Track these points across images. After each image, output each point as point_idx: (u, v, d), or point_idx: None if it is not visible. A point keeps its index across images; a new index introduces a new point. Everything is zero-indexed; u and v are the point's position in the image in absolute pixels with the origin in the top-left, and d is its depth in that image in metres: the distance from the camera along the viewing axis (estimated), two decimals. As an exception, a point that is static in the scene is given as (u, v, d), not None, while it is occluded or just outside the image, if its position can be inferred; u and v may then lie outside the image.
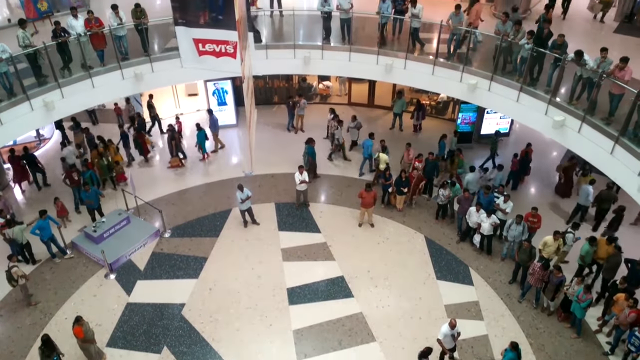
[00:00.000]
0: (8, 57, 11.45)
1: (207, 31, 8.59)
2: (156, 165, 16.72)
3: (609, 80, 10.44)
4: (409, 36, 13.74)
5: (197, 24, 8.53)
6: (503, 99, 12.49)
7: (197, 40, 8.72)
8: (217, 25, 8.45)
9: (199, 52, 8.90)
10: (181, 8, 8.44)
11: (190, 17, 8.45)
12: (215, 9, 8.37)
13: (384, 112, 19.46)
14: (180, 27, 8.63)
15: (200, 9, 8.37)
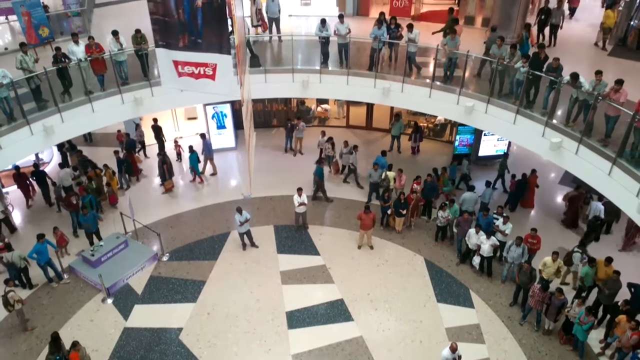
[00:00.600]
0: (9, 82, 11.54)
1: (186, 54, 8.84)
2: (155, 189, 16.70)
3: (605, 103, 10.54)
4: (405, 60, 13.91)
5: (177, 46, 8.76)
6: (500, 121, 12.58)
7: (176, 62, 8.93)
8: (196, 49, 8.73)
9: (178, 73, 9.09)
10: (162, 31, 8.67)
11: (170, 40, 8.68)
12: (194, 34, 8.64)
13: (382, 135, 19.57)
14: (160, 49, 8.84)
15: (180, 32, 8.61)
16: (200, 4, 8.21)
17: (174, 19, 8.42)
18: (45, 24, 16.40)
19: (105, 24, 18.07)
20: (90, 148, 18.27)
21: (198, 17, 8.39)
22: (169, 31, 8.61)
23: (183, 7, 8.29)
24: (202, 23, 8.45)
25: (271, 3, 16.46)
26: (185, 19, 8.41)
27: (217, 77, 9.00)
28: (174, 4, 8.28)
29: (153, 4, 8.37)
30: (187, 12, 8.35)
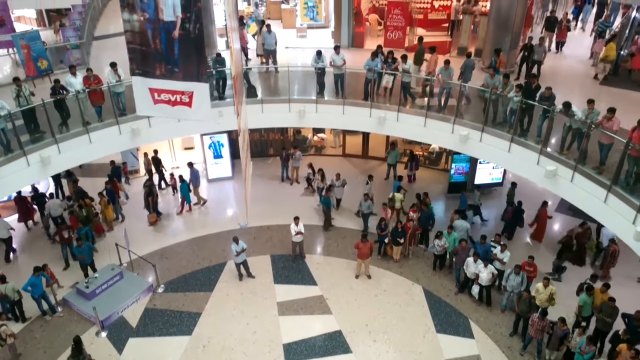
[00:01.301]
0: (6, 114, 11.61)
1: (163, 82, 8.95)
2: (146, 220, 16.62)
3: (598, 130, 10.65)
4: (400, 90, 14.09)
5: (154, 74, 8.86)
6: (495, 149, 12.68)
7: (152, 89, 9.02)
8: (173, 77, 8.85)
9: (154, 100, 9.17)
10: (138, 60, 8.78)
11: (147, 68, 8.78)
12: (171, 62, 8.77)
13: (378, 163, 19.64)
14: (136, 77, 8.94)
15: (157, 61, 8.74)
16: (177, 35, 8.37)
17: (151, 48, 8.55)
18: (44, 56, 16.60)
19: (104, 55, 18.29)
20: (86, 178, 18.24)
21: (175, 47, 8.54)
22: (145, 60, 8.72)
23: (160, 38, 8.43)
24: (179, 53, 8.60)
25: (268, 35, 16.76)
26: (163, 49, 8.54)
27: (194, 104, 9.12)
28: (151, 35, 8.42)
29: (130, 34, 8.51)
30: (164, 42, 8.49)
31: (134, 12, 8.20)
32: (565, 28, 18.29)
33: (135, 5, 8.13)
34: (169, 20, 8.21)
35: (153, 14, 8.16)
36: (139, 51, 8.63)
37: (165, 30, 8.32)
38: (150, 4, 8.08)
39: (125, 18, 8.29)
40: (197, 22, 8.27)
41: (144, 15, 8.16)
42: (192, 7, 8.09)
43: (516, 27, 16.08)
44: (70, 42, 18.26)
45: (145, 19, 8.19)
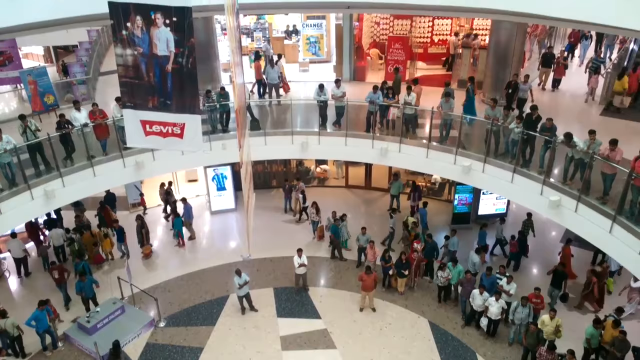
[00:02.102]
0: (12, 148, 11.73)
1: (155, 114, 9.05)
2: (163, 250, 16.54)
3: (601, 161, 10.68)
4: (402, 121, 14.22)
5: (146, 107, 8.98)
6: (497, 180, 12.69)
7: (144, 121, 9.12)
8: (165, 109, 8.96)
9: (146, 132, 9.25)
10: (130, 93, 8.92)
11: (139, 100, 8.91)
12: (164, 95, 8.90)
13: (381, 194, 19.64)
14: (128, 110, 9.06)
15: (150, 94, 8.86)
16: (170, 68, 8.52)
17: (144, 81, 8.68)
18: (51, 91, 16.90)
19: (110, 90, 18.58)
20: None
21: (168, 80, 8.69)
22: (138, 93, 8.85)
23: (154, 71, 8.58)
24: (172, 86, 8.74)
25: (271, 70, 17.05)
26: (156, 82, 8.67)
27: (185, 135, 9.22)
28: (144, 68, 8.56)
29: (123, 67, 8.65)
30: (158, 75, 8.62)
31: (128, 47, 8.38)
32: (562, 66, 18.11)
33: (129, 41, 8.30)
34: (163, 55, 8.37)
35: (147, 49, 8.33)
36: (131, 84, 8.77)
37: (158, 64, 8.48)
38: (144, 39, 8.26)
39: (119, 53, 8.45)
40: (190, 56, 8.43)
41: (137, 49, 8.33)
42: (186, 42, 8.26)
43: (515, 60, 16.32)
44: (77, 77, 18.58)
45: (139, 53, 8.36)
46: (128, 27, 8.18)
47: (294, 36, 22.73)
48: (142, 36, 8.24)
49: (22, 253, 15.00)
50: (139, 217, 16.26)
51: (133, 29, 8.20)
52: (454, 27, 20.60)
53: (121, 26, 8.20)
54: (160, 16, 8.04)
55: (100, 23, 19.14)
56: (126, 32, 8.21)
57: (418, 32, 20.87)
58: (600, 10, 9.77)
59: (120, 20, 8.16)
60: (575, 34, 19.75)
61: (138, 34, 8.22)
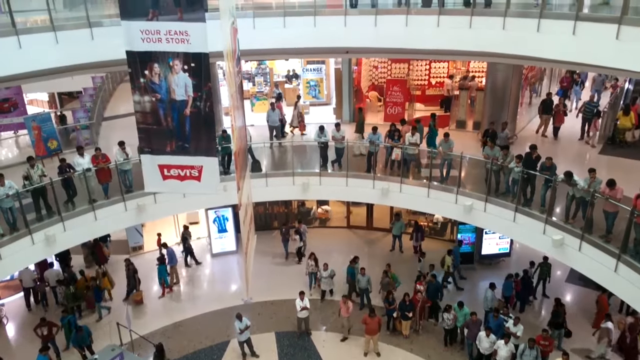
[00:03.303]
0: (14, 193, 11.77)
1: (172, 158, 9.10)
2: (152, 296, 16.32)
3: (602, 199, 10.68)
4: (401, 162, 14.31)
5: (164, 151, 9.04)
6: (499, 219, 12.66)
7: (161, 166, 9.17)
8: (183, 153, 9.01)
9: (164, 176, 9.29)
10: (148, 139, 9.00)
11: (156, 146, 8.98)
12: (182, 139, 8.97)
13: (383, 234, 19.53)
14: (145, 155, 9.12)
15: (168, 138, 8.94)
16: (188, 112, 8.63)
17: (162, 127, 8.77)
18: (54, 136, 17.11)
19: (113, 135, 18.82)
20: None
21: (186, 124, 8.78)
22: (156, 138, 8.93)
23: (172, 116, 8.69)
24: (190, 129, 8.81)
25: (272, 113, 17.31)
26: (174, 126, 8.76)
27: (203, 177, 9.25)
28: (162, 114, 8.68)
29: (141, 114, 8.74)
30: (176, 120, 8.72)
31: (146, 94, 8.50)
32: (562, 113, 17.49)
33: (147, 88, 8.44)
34: (181, 100, 8.47)
35: (165, 95, 8.45)
36: (149, 130, 8.85)
37: (176, 109, 8.57)
38: (162, 85, 8.39)
39: (136, 100, 8.56)
40: (207, 100, 8.56)
41: (155, 96, 8.45)
42: (203, 86, 8.39)
43: (512, 101, 16.59)
44: (81, 122, 18.85)
45: (157, 99, 8.47)
46: (146, 74, 8.32)
47: (294, 80, 23.19)
48: (160, 82, 8.38)
49: (32, 283, 15.14)
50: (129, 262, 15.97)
51: (151, 76, 8.34)
52: (450, 69, 21.04)
53: (139, 74, 8.33)
54: (179, 62, 8.20)
55: (104, 70, 19.68)
56: (144, 79, 8.35)
57: (415, 75, 21.30)
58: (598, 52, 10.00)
59: (137, 68, 8.31)
60: (567, 79, 19.94)
61: (156, 81, 8.35)
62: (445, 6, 12.41)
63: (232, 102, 9.20)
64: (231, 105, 9.20)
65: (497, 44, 11.73)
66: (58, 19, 11.69)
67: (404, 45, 13.06)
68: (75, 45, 11.51)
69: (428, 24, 12.34)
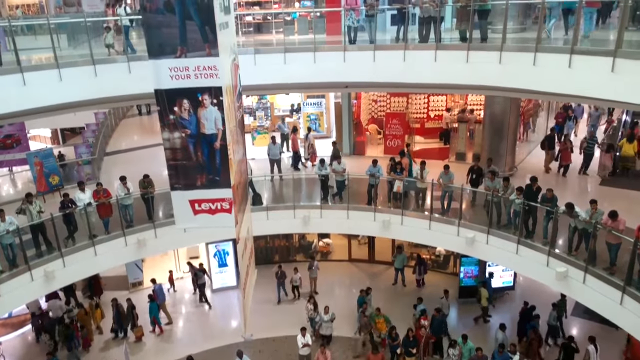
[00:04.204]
0: (14, 229, 11.74)
1: (203, 192, 9.05)
2: (149, 333, 16.04)
3: (605, 231, 10.62)
4: (402, 194, 14.31)
5: (194, 186, 8.99)
6: (502, 251, 12.56)
7: (192, 201, 9.12)
8: (214, 186, 8.95)
9: (195, 211, 9.22)
10: (178, 175, 8.98)
11: (187, 181, 8.94)
12: (212, 172, 8.92)
13: (385, 268, 19.35)
14: (176, 192, 9.08)
15: (198, 172, 8.90)
16: (218, 145, 8.62)
17: (192, 161, 8.74)
18: (56, 172, 17.17)
19: (115, 170, 18.87)
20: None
21: (217, 157, 8.74)
22: (186, 174, 8.88)
23: (202, 150, 8.68)
24: (221, 162, 8.77)
25: (272, 146, 17.42)
26: (204, 160, 8.72)
27: (234, 209, 9.19)
28: (192, 149, 8.66)
29: (170, 151, 8.72)
30: (206, 154, 8.69)
31: (176, 130, 8.51)
32: (569, 150, 16.74)
33: (176, 124, 8.46)
34: (211, 133, 8.48)
35: (195, 129, 8.46)
36: (179, 166, 8.82)
37: (207, 142, 8.56)
38: (191, 120, 8.40)
39: (166, 137, 8.52)
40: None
41: (185, 131, 8.45)
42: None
43: (510, 133, 16.70)
44: (83, 158, 18.96)
45: (187, 134, 8.48)
46: (175, 111, 8.37)
47: (294, 114, 23.45)
48: (190, 118, 8.41)
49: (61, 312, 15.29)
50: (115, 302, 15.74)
51: (180, 112, 8.39)
52: (448, 103, 21.28)
53: (167, 111, 8.38)
54: (208, 96, 8.25)
55: (107, 106, 19.94)
56: (174, 116, 8.39)
57: (414, 108, 21.53)
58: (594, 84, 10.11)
59: (166, 106, 8.36)
60: (561, 115, 19.93)
61: (185, 117, 8.37)
62: (442, 41, 12.66)
63: (231, 137, 9.27)
64: (230, 140, 9.27)
65: (493, 77, 11.86)
66: (62, 56, 11.91)
67: (402, 79, 13.25)
68: (78, 82, 11.68)
69: (425, 58, 12.54)
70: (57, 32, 12.63)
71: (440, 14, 12.82)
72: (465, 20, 12.49)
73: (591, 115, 19.72)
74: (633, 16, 11.24)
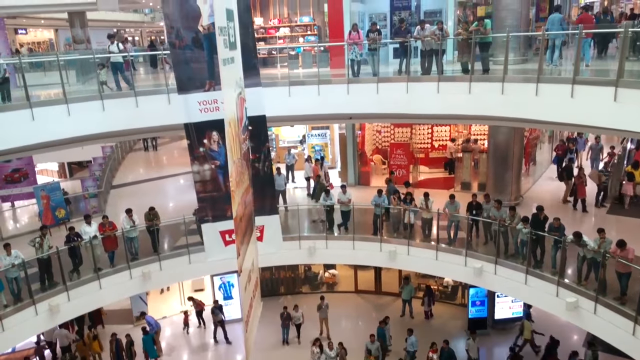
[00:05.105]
0: (20, 263, 11.73)
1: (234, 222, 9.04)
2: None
3: (614, 260, 10.49)
4: (408, 224, 14.26)
5: (224, 217, 8.94)
6: (511, 282, 12.40)
7: (223, 232, 9.10)
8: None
9: (225, 242, 9.21)
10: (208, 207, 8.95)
11: (217, 212, 8.92)
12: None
13: (392, 299, 19.08)
14: (206, 224, 9.02)
15: (228, 203, 8.83)
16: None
17: (222, 192, 8.73)
18: (62, 205, 17.28)
19: (121, 203, 18.97)
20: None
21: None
22: (216, 205, 8.87)
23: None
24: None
25: (277, 177, 17.44)
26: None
27: (265, 237, 9.16)
28: (222, 180, 8.66)
29: (200, 184, 8.74)
30: None
31: (205, 162, 8.55)
32: (584, 184, 16.13)
33: (206, 156, 8.50)
34: None
35: (224, 160, 8.50)
36: (209, 198, 8.84)
37: None
38: (221, 151, 8.46)
39: (196, 170, 8.58)
40: (266, 160, 8.59)
41: (214, 163, 8.48)
42: (262, 147, 8.44)
43: (515, 162, 16.70)
44: (89, 191, 19.08)
45: (217, 166, 8.51)
46: (205, 143, 8.42)
47: (299, 145, 23.59)
48: (220, 149, 8.46)
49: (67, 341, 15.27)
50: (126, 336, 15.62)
51: (210, 144, 8.46)
52: (452, 133, 21.40)
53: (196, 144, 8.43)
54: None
55: (115, 140, 20.20)
56: (203, 148, 8.45)
57: (418, 139, 21.65)
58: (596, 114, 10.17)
59: (194, 139, 8.42)
60: (561, 147, 19.83)
61: (215, 148, 8.44)
62: (445, 73, 12.83)
63: (235, 169, 9.33)
64: (234, 172, 9.32)
65: (496, 108, 11.98)
66: (70, 92, 12.14)
67: (406, 110, 13.37)
68: (87, 117, 11.87)
69: (428, 90, 12.70)
70: (66, 68, 12.91)
71: (442, 46, 13.05)
72: (466, 53, 12.72)
73: (592, 148, 19.21)
74: (633, 46, 11.37)
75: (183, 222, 14.05)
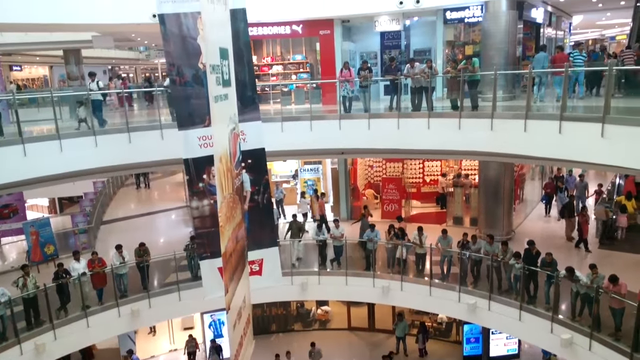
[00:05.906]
0: (6, 301, 11.48)
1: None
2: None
3: (608, 295, 10.46)
4: (401, 260, 14.19)
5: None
6: (505, 318, 12.30)
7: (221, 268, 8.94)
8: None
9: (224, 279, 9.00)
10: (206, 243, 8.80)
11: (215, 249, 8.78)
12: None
13: (386, 336, 18.77)
14: (204, 261, 8.88)
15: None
16: (247, 207, 8.52)
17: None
18: (51, 242, 17.05)
19: (111, 239, 18.74)
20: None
21: (245, 219, 8.65)
22: (215, 241, 8.72)
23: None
24: (249, 224, 8.62)
25: (271, 212, 17.41)
26: None
27: (264, 271, 9.00)
28: None
29: (199, 220, 8.63)
30: None
31: (204, 197, 8.48)
32: (587, 223, 15.60)
33: (205, 191, 8.45)
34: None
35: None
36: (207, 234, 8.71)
37: None
38: None
39: (195, 206, 8.48)
40: (264, 192, 8.55)
41: (213, 198, 8.39)
42: (261, 180, 8.41)
43: (506, 197, 16.80)
44: (79, 227, 18.88)
45: (216, 202, 8.45)
46: (204, 178, 8.39)
47: (292, 180, 23.65)
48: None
49: None
50: None
51: (209, 179, 8.41)
52: (443, 168, 21.58)
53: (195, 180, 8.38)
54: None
55: (106, 175, 20.16)
56: (202, 184, 8.40)
57: (410, 173, 21.80)
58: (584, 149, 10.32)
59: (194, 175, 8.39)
60: (550, 185, 19.87)
61: (214, 183, 8.37)
62: (435, 110, 13.05)
63: (226, 204, 9.29)
64: (223, 206, 9.28)
65: (485, 143, 12.15)
66: (63, 127, 12.18)
67: (397, 146, 13.55)
68: (79, 153, 11.90)
69: (419, 126, 12.90)
70: (59, 105, 13.00)
71: (432, 84, 13.33)
72: (455, 90, 12.99)
73: (577, 186, 18.71)
74: (619, 84, 11.66)
75: (174, 257, 13.90)
